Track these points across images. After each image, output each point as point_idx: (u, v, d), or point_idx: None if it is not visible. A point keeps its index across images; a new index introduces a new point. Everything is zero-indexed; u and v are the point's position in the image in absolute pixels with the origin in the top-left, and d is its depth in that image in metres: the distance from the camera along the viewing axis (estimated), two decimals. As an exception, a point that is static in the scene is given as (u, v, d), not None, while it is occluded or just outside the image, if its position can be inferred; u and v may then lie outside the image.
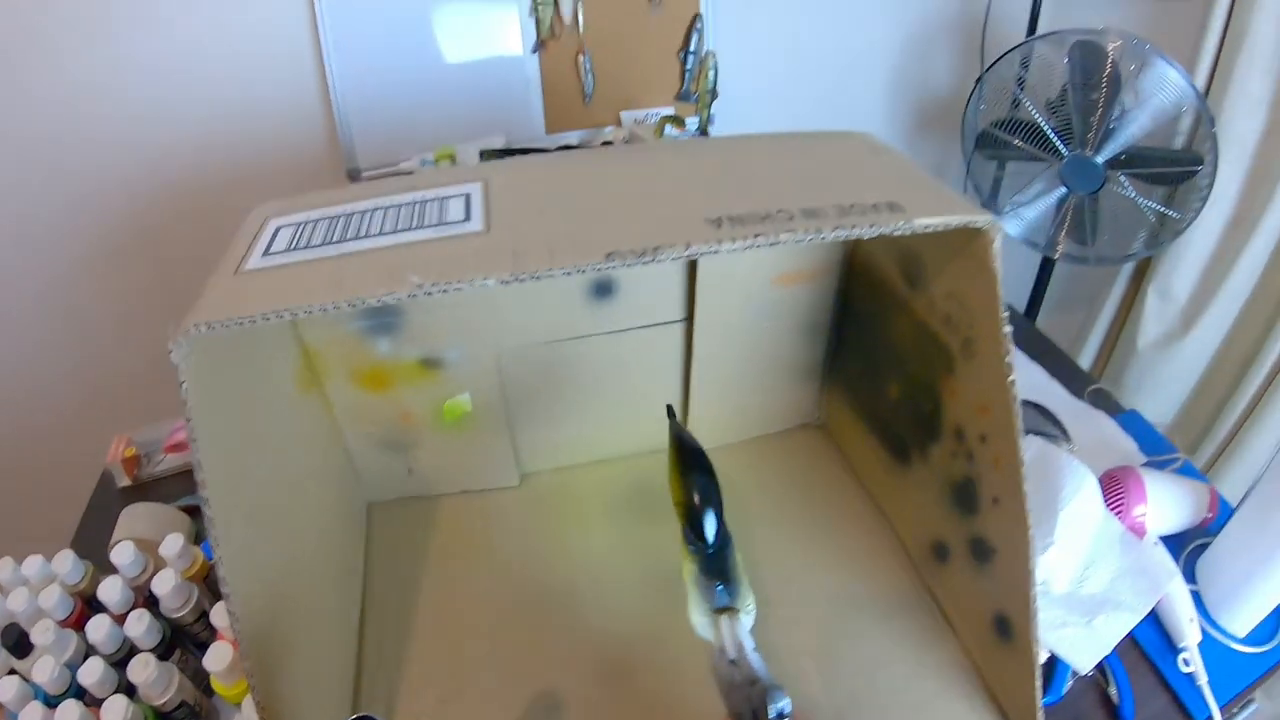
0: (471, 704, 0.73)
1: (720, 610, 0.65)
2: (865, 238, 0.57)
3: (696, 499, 0.70)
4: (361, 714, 0.47)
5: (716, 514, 0.70)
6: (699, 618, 0.65)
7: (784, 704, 0.53)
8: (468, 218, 0.60)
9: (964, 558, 0.74)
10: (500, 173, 0.68)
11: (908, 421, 0.81)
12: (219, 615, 0.76)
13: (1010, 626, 0.68)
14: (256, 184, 1.49)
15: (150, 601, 0.79)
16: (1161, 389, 1.68)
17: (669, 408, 0.78)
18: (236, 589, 0.54)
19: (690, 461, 0.73)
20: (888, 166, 0.69)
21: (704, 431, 0.93)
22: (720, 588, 0.66)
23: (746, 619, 0.65)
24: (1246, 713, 0.84)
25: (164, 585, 0.77)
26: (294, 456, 0.73)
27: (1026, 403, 1.06)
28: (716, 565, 0.68)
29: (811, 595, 0.78)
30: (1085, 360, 1.82)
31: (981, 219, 0.60)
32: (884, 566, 0.84)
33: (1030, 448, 0.94)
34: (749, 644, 0.62)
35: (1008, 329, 0.61)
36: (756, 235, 0.55)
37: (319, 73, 1.42)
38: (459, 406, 0.83)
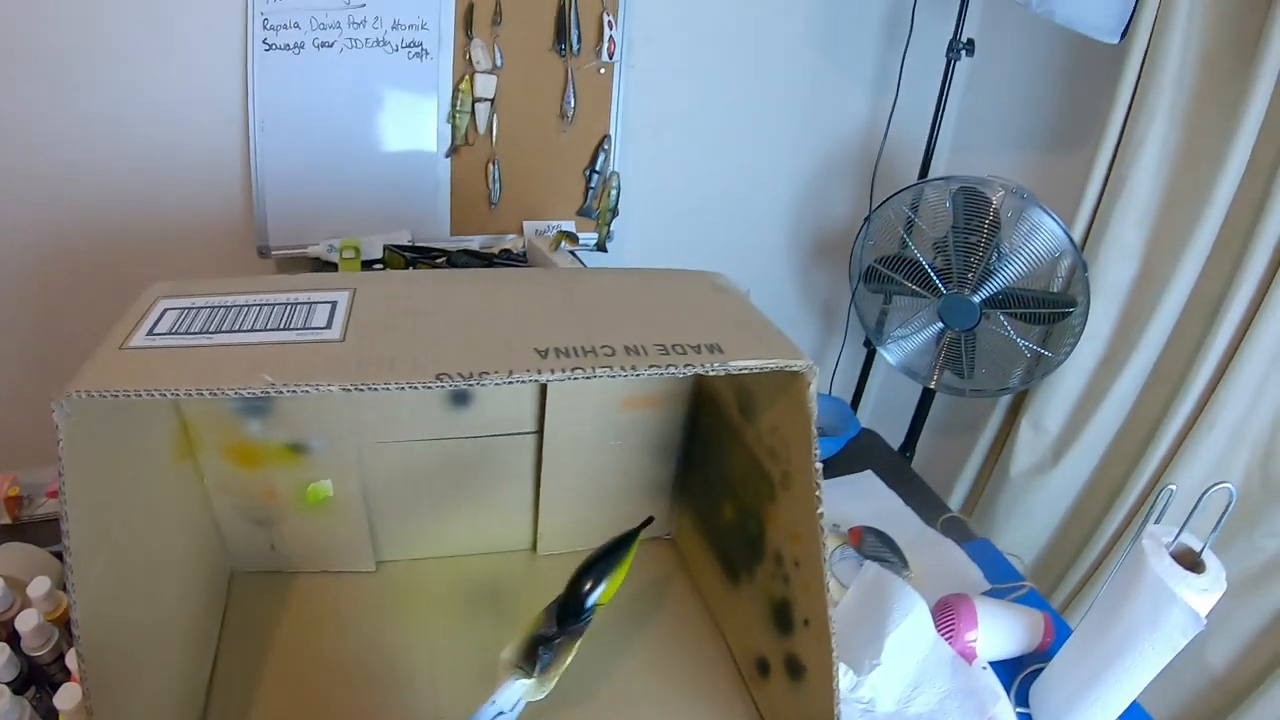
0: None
1: (519, 666, 0.71)
2: (679, 376, 0.63)
3: (592, 577, 0.78)
4: None
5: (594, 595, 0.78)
6: (506, 655, 0.72)
7: None
8: (329, 325, 0.66)
9: (781, 674, 0.79)
10: (369, 284, 0.74)
11: (739, 542, 0.86)
12: (72, 659, 0.78)
13: (818, 740, 0.73)
14: (167, 244, 1.54)
15: (13, 637, 0.80)
16: (1031, 518, 1.76)
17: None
18: (87, 636, 0.58)
19: (606, 547, 0.81)
20: (725, 307, 0.76)
21: (554, 537, 0.99)
22: (546, 656, 0.72)
23: (529, 692, 0.71)
24: None
25: (26, 624, 0.78)
26: (162, 520, 0.76)
27: (870, 529, 1.13)
28: (562, 639, 0.74)
29: (639, 699, 0.82)
30: (962, 486, 1.90)
31: (798, 363, 0.67)
32: (715, 678, 0.88)
33: (866, 572, 1.00)
34: (510, 711, 0.69)
35: (818, 465, 0.68)
36: (575, 368, 0.61)
37: (244, 147, 1.48)
38: (321, 491, 0.87)
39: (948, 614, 0.98)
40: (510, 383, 0.60)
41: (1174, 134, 1.43)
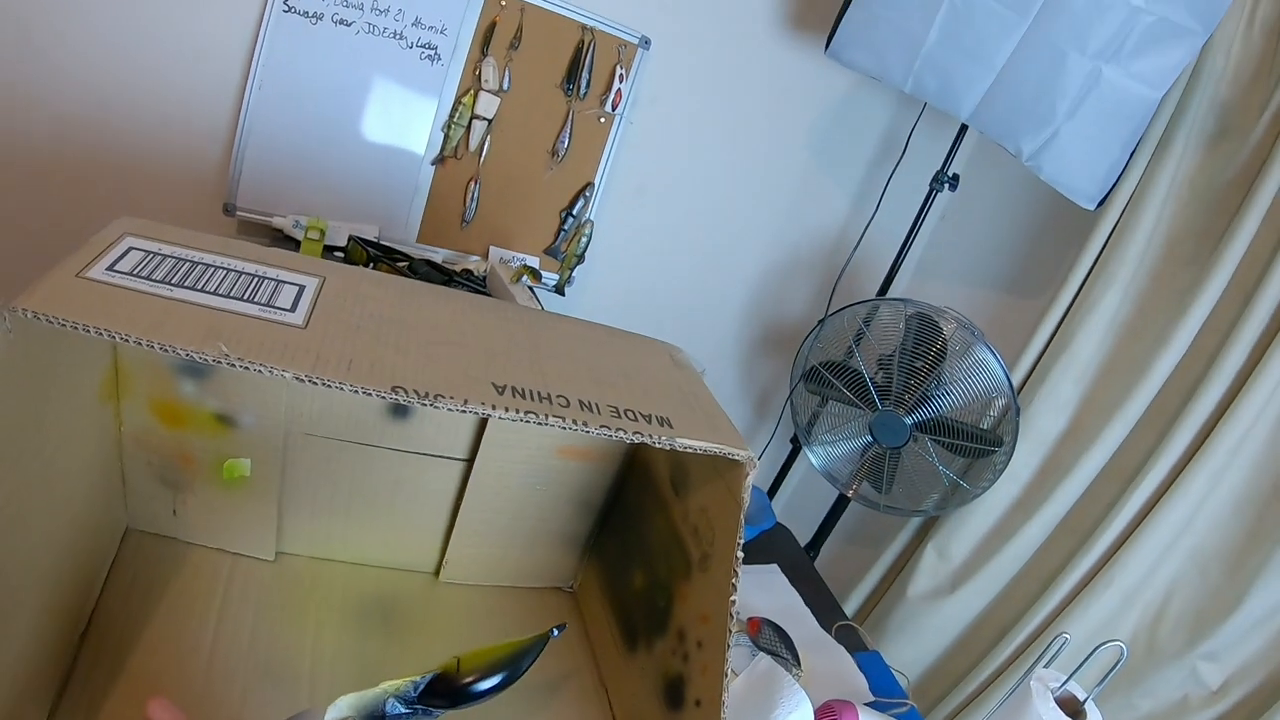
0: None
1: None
2: (627, 442, 0.64)
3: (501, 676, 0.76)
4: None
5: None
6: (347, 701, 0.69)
7: None
8: (293, 309, 0.66)
9: (666, 751, 0.79)
10: (339, 276, 0.74)
11: (643, 611, 0.87)
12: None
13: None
14: (136, 179, 1.50)
15: None
16: (921, 639, 1.79)
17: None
18: None
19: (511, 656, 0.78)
20: (680, 383, 0.77)
21: (459, 567, 0.98)
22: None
23: None
24: None
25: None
26: (73, 459, 0.73)
27: (769, 623, 1.14)
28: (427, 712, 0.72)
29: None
30: (858, 595, 1.93)
31: (741, 454, 0.68)
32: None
33: (759, 664, 1.01)
34: None
35: (739, 554, 0.69)
36: (529, 412, 0.61)
37: (236, 101, 1.47)
38: (238, 468, 0.85)
39: (829, 717, 0.99)
40: (464, 411, 0.60)
41: (1126, 306, 1.50)
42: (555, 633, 0.79)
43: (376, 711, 0.71)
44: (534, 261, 1.72)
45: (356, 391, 0.58)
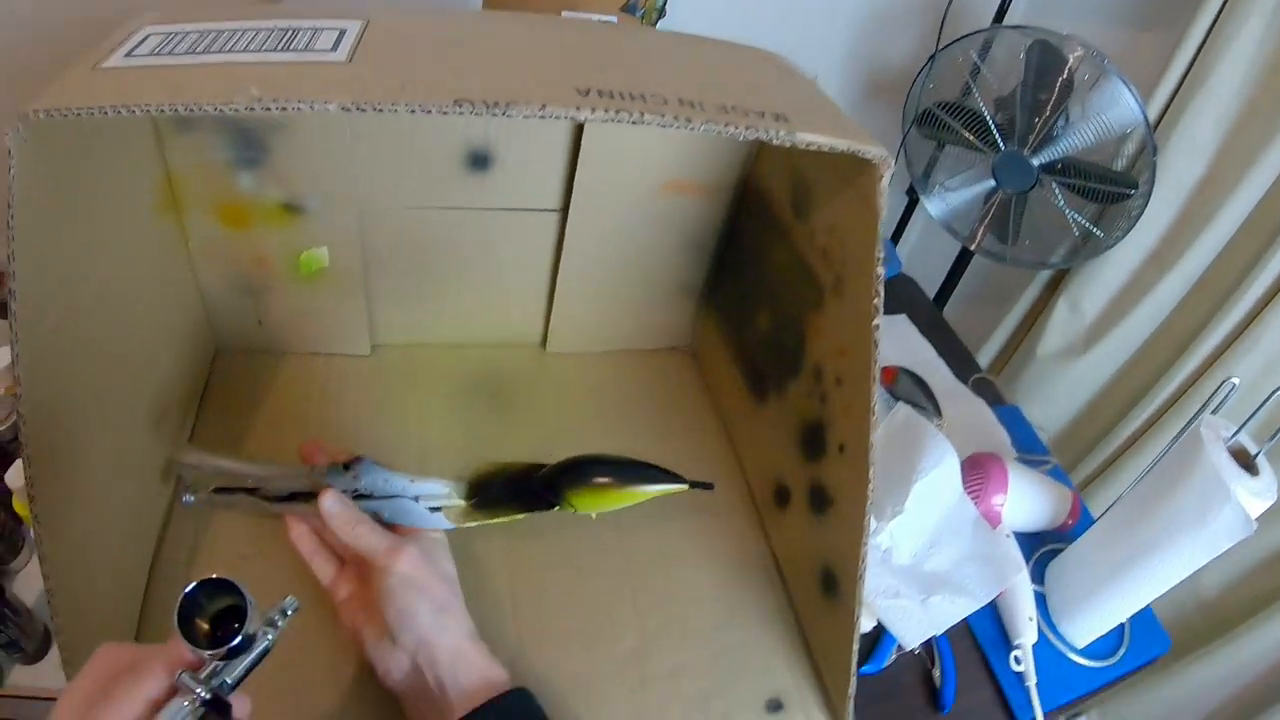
0: (274, 560, 0.69)
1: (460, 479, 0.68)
2: (741, 139, 0.54)
3: (582, 475, 0.71)
4: (214, 576, 0.44)
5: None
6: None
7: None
8: (335, 49, 0.56)
9: (802, 505, 0.72)
10: (387, 17, 0.64)
11: (771, 355, 0.78)
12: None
13: (836, 583, 0.67)
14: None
15: None
16: (1052, 401, 1.69)
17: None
18: (30, 397, 0.49)
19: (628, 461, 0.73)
20: (791, 85, 0.66)
21: (566, 334, 0.92)
22: (480, 501, 0.68)
23: (449, 507, 0.67)
24: None
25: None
26: (136, 281, 0.68)
27: (905, 371, 1.05)
28: (504, 504, 0.70)
29: (637, 521, 0.75)
30: (985, 357, 1.83)
31: (872, 150, 0.57)
32: (726, 503, 0.82)
33: (897, 414, 0.92)
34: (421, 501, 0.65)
35: (880, 271, 0.59)
36: (619, 111, 0.51)
37: None
38: (315, 260, 0.79)
39: (977, 473, 0.91)
40: (541, 116, 0.50)
41: (1272, 37, 1.30)
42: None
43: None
44: (613, 19, 1.57)
45: (414, 110, 0.48)
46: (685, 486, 0.72)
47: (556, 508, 0.70)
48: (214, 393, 0.83)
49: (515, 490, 0.70)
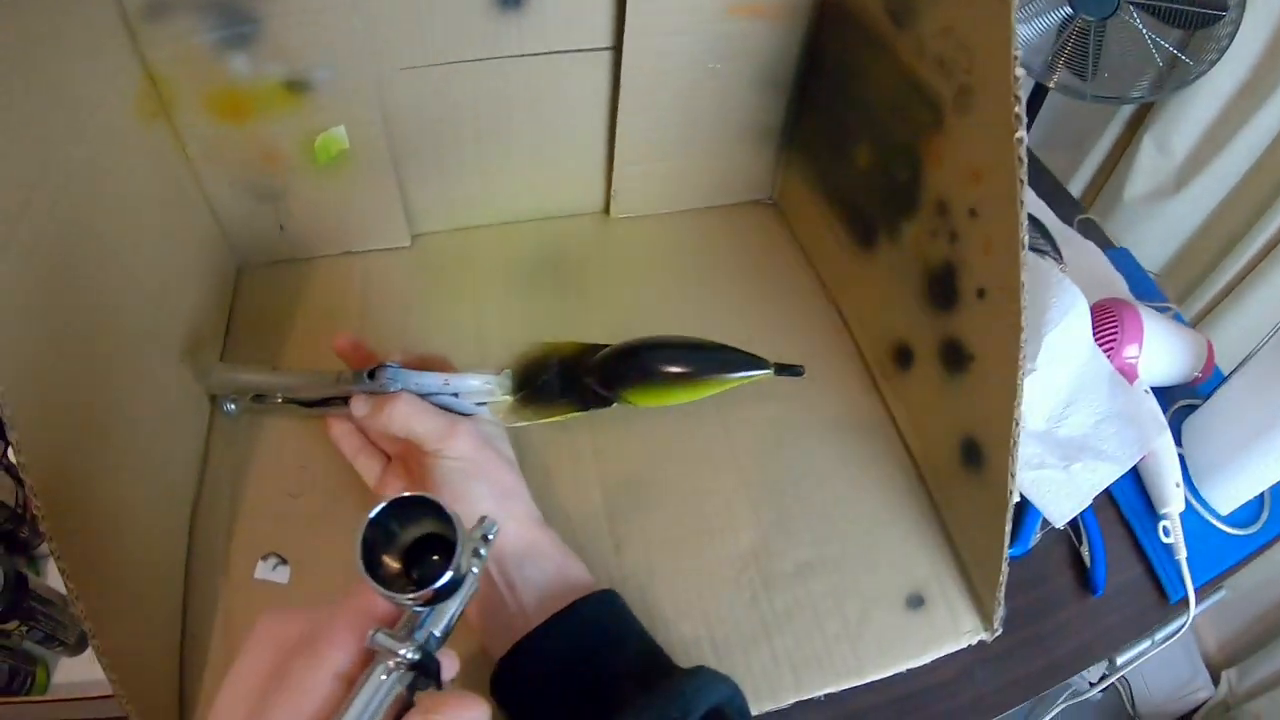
0: (324, 486, 0.63)
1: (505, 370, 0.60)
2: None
3: (637, 360, 0.62)
4: (406, 495, 0.34)
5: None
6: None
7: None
8: None
9: (932, 364, 0.62)
10: None
11: (878, 195, 0.67)
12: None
13: (981, 453, 0.57)
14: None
15: None
16: (1142, 246, 1.57)
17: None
18: (3, 362, 0.40)
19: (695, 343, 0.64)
20: None
21: (631, 194, 0.81)
22: (527, 395, 0.60)
23: (494, 401, 0.59)
24: (1214, 599, 0.75)
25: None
26: (136, 204, 0.59)
27: (1018, 211, 0.93)
28: (556, 400, 0.61)
29: (737, 398, 0.66)
30: (1064, 208, 1.72)
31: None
32: (833, 371, 0.72)
33: (1018, 258, 0.81)
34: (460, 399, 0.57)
35: (1019, 71, 0.47)
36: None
37: None
38: (334, 143, 0.68)
39: (1109, 320, 0.79)
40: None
41: None
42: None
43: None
44: None
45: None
46: (770, 372, 0.62)
47: (614, 404, 0.61)
48: (241, 313, 0.74)
49: (570, 381, 0.61)
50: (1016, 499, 0.67)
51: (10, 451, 0.40)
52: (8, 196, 0.43)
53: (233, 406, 0.65)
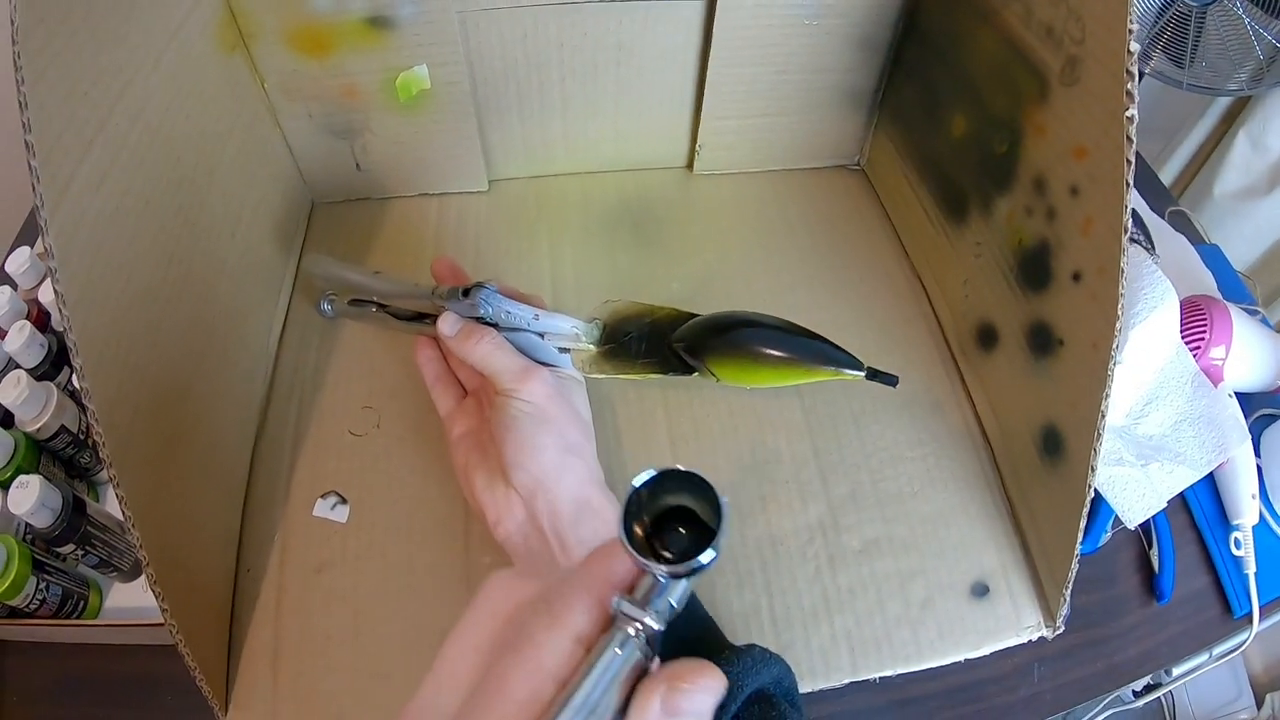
0: (387, 427, 0.63)
1: (594, 321, 0.59)
2: None
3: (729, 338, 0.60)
4: (674, 468, 0.33)
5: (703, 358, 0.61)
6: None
7: None
8: None
9: (1017, 347, 0.60)
10: None
11: (972, 167, 0.65)
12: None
13: (1061, 443, 0.55)
14: None
15: (44, 315, 0.68)
16: (1229, 245, 1.49)
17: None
18: (71, 271, 0.40)
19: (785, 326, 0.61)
20: None
21: (716, 151, 0.80)
22: (610, 350, 0.59)
23: (577, 350, 0.59)
24: (1276, 619, 0.72)
25: (50, 295, 0.65)
26: (208, 129, 0.58)
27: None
28: (640, 361, 0.61)
29: (816, 370, 0.65)
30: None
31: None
32: (913, 346, 0.70)
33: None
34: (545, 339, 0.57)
35: (1135, 46, 0.44)
36: None
37: None
38: (415, 82, 0.67)
39: (1197, 318, 0.75)
40: None
41: None
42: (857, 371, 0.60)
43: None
44: None
45: None
46: (861, 374, 0.60)
47: (695, 374, 0.60)
48: (313, 248, 0.75)
49: (655, 343, 0.60)
50: (1093, 494, 0.65)
51: (75, 377, 0.40)
52: (84, 115, 0.43)
53: (329, 307, 0.66)
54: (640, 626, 0.29)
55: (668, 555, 0.31)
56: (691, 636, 0.46)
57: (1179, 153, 1.59)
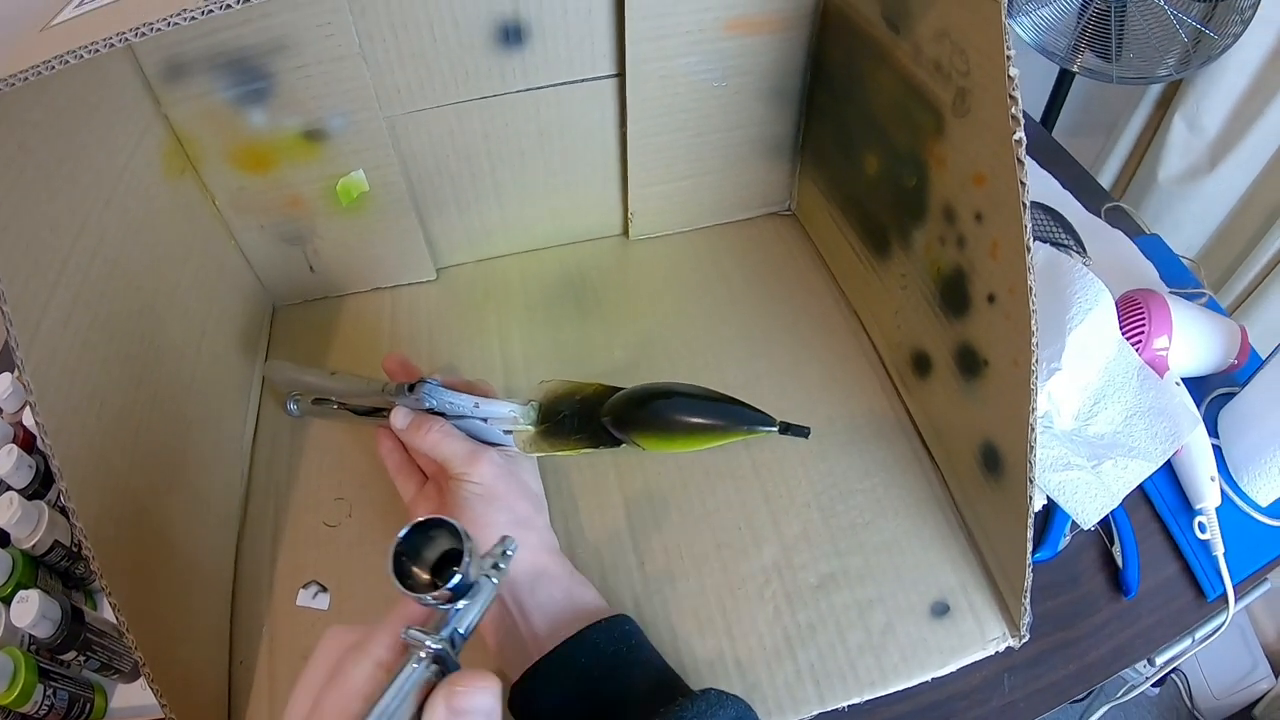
0: (359, 516, 0.65)
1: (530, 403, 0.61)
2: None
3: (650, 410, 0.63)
4: (428, 518, 0.40)
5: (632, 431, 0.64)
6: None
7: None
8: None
9: (949, 371, 0.62)
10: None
11: (888, 202, 0.67)
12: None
13: (1000, 459, 0.56)
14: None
15: (31, 438, 0.70)
16: (1180, 227, 1.53)
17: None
18: (48, 404, 0.43)
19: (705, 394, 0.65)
20: None
21: (649, 216, 0.82)
22: (549, 429, 0.62)
23: (517, 432, 0.61)
24: (1258, 593, 0.73)
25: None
26: (166, 251, 0.62)
27: (1037, 204, 0.92)
28: (573, 436, 0.63)
29: (768, 406, 0.66)
30: (1099, 190, 1.68)
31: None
32: (855, 380, 0.72)
33: (1037, 255, 0.79)
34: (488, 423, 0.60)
35: (1014, 72, 0.47)
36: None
37: None
38: (354, 186, 0.70)
39: (1135, 312, 0.77)
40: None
41: None
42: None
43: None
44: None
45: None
46: (774, 430, 0.64)
47: (623, 445, 0.63)
48: (277, 349, 0.78)
49: (586, 419, 0.63)
50: (1041, 503, 0.66)
51: (62, 497, 0.43)
52: (46, 259, 0.46)
53: (294, 407, 0.70)
54: (426, 650, 0.35)
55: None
56: (647, 687, 0.48)
57: (1119, 146, 1.62)
